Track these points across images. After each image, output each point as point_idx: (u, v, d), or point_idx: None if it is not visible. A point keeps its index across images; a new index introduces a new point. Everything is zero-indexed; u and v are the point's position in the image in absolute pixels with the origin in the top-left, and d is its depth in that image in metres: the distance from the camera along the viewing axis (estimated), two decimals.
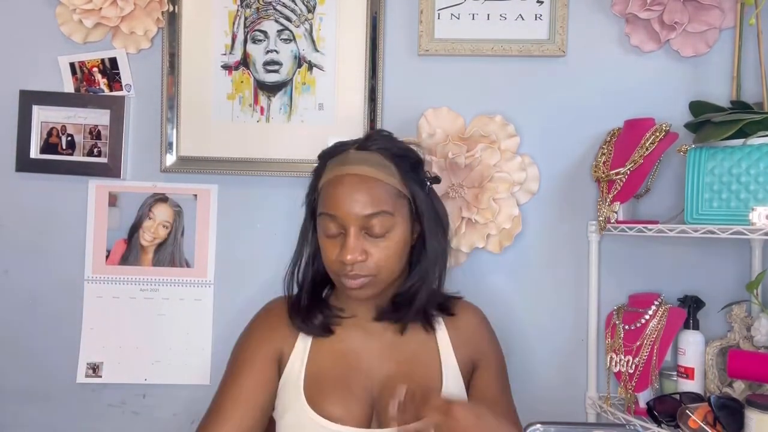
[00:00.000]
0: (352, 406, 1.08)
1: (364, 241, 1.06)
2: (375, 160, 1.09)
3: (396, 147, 1.13)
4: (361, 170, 1.07)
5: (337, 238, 1.08)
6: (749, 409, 1.10)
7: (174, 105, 1.43)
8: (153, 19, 1.42)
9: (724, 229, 1.13)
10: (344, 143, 1.14)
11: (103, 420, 1.46)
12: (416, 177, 1.12)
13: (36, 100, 1.44)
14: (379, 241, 1.06)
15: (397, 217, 1.07)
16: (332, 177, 1.08)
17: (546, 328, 1.43)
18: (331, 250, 1.08)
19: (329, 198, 1.07)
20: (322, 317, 1.13)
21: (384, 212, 1.05)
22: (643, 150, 1.27)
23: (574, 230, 1.42)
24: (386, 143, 1.12)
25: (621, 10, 1.38)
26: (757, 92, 1.30)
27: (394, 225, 1.07)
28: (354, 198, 1.05)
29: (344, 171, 1.07)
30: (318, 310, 1.14)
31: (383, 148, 1.10)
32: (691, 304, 1.31)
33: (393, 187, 1.08)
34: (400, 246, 1.09)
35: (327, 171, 1.11)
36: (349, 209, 1.05)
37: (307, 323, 1.13)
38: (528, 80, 1.42)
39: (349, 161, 1.09)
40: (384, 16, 1.43)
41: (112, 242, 1.45)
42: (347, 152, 1.10)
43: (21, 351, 1.46)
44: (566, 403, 1.42)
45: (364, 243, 1.06)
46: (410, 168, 1.12)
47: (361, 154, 1.09)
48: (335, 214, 1.06)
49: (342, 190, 1.06)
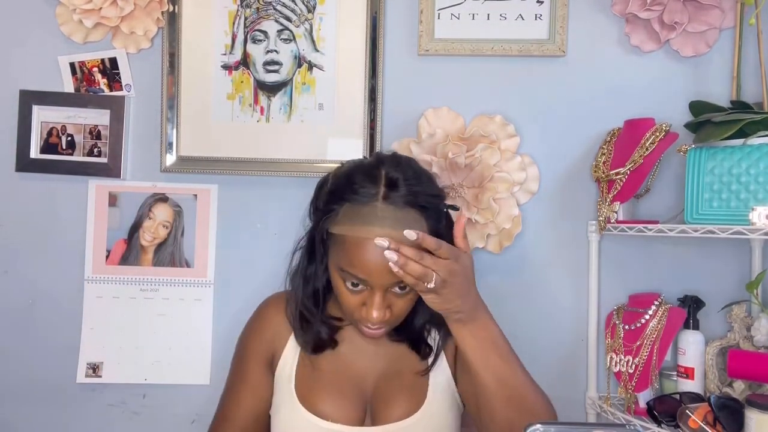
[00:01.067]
0: (345, 404, 1.09)
1: (390, 297, 1.00)
2: (406, 219, 0.96)
3: (424, 195, 1.00)
4: (392, 234, 0.93)
5: (358, 292, 1.01)
6: (749, 409, 1.10)
7: (174, 105, 1.43)
8: (153, 19, 1.42)
9: (724, 229, 1.13)
10: (365, 179, 1.00)
11: (103, 420, 1.46)
12: (440, 217, 1.03)
13: (36, 100, 1.44)
14: (404, 296, 1.01)
15: None
16: (357, 238, 0.96)
17: (546, 328, 1.43)
18: (352, 302, 1.02)
19: (354, 259, 0.97)
20: (327, 330, 1.12)
21: None
22: (643, 150, 1.27)
23: (574, 230, 1.42)
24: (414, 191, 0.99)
25: (621, 10, 1.38)
26: (757, 92, 1.30)
27: None
28: (386, 267, 0.92)
29: (373, 234, 0.94)
30: (321, 325, 1.12)
31: (412, 201, 0.98)
32: (691, 304, 1.31)
33: None
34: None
35: (348, 216, 0.99)
36: (379, 278, 0.96)
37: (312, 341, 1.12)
38: (528, 80, 1.42)
39: (378, 222, 0.96)
40: (384, 16, 1.43)
41: (112, 242, 1.45)
42: (374, 205, 0.97)
43: (21, 351, 1.46)
44: (566, 403, 1.41)
45: (389, 299, 1.00)
46: (435, 212, 1.02)
47: (390, 211, 0.96)
48: (363, 278, 0.98)
49: (371, 257, 0.95)
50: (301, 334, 1.12)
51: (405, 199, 0.98)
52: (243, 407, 1.14)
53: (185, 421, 1.45)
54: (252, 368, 1.15)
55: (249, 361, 1.16)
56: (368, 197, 0.98)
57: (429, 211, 1.00)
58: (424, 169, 1.07)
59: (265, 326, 1.17)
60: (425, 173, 1.06)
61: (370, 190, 0.98)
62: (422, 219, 0.98)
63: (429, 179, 1.06)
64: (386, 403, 1.09)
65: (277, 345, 1.15)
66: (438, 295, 0.93)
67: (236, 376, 1.17)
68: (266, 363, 1.15)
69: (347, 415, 1.08)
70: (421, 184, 1.02)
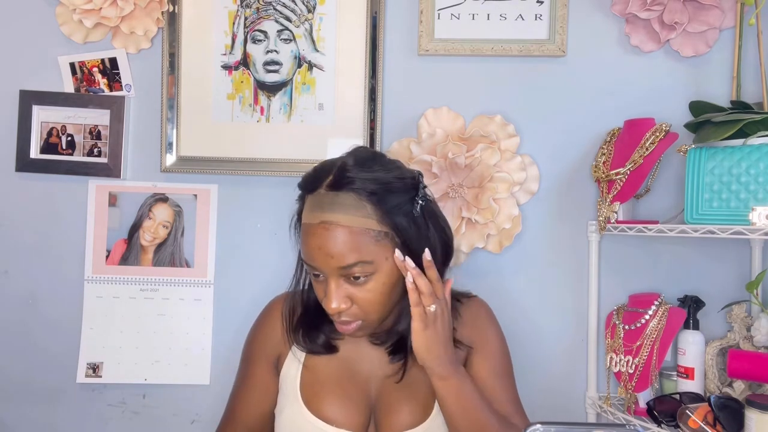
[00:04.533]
0: (349, 408, 1.08)
1: (348, 287, 1.00)
2: (348, 203, 0.97)
3: (374, 180, 0.99)
4: (332, 218, 0.97)
5: (320, 281, 1.02)
6: (749, 409, 1.10)
7: (174, 105, 1.43)
8: (153, 19, 1.42)
9: (724, 229, 1.13)
10: (321, 171, 1.02)
11: (103, 420, 1.46)
12: (402, 205, 1.00)
13: (36, 100, 1.44)
14: (363, 285, 1.00)
15: (378, 261, 0.99)
16: (306, 223, 1.01)
17: (546, 328, 1.43)
18: (319, 291, 1.04)
19: (304, 246, 1.01)
20: (324, 337, 1.12)
21: (361, 262, 0.98)
22: (643, 150, 1.27)
23: (574, 230, 1.42)
24: (363, 176, 0.99)
25: (621, 10, 1.38)
26: (757, 92, 1.30)
27: (377, 268, 0.99)
28: (326, 251, 0.97)
29: (315, 219, 0.99)
30: (319, 329, 1.12)
31: (358, 187, 0.98)
32: (691, 304, 1.31)
33: (370, 230, 0.98)
34: (388, 286, 1.01)
35: (305, 208, 1.03)
36: (323, 263, 0.98)
37: (311, 345, 1.12)
38: (528, 80, 1.42)
39: (320, 206, 0.99)
40: (384, 16, 1.43)
41: (112, 242, 1.45)
42: (319, 192, 1.00)
43: (21, 351, 1.46)
44: (566, 403, 1.42)
45: (347, 289, 1.00)
46: (393, 199, 0.99)
47: (333, 197, 0.98)
48: (312, 265, 1.01)
49: (314, 242, 0.98)
50: (297, 336, 1.12)
51: (350, 183, 0.98)
52: (250, 408, 1.15)
53: (185, 421, 1.45)
54: (258, 370, 1.16)
55: (254, 362, 1.16)
56: (317, 186, 1.01)
57: (379, 196, 0.98)
58: (389, 158, 1.07)
59: (270, 328, 1.16)
60: (386, 160, 1.05)
61: (322, 178, 1.01)
62: (368, 204, 0.98)
63: (388, 165, 1.04)
64: (390, 410, 1.09)
65: (283, 345, 1.15)
66: (426, 329, 0.98)
67: (243, 377, 1.18)
68: (272, 364, 1.15)
69: (351, 420, 1.08)
70: (374, 169, 1.01)
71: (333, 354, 1.12)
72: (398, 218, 0.99)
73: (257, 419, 1.15)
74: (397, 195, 1.00)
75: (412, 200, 1.02)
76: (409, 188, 1.02)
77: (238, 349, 1.21)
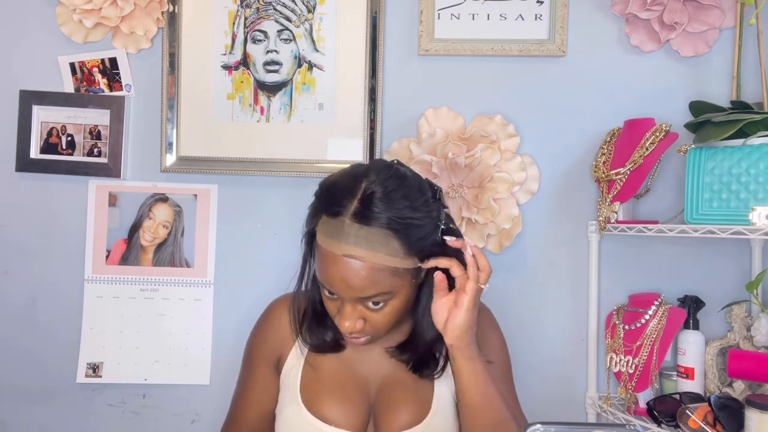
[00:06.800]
0: (349, 409, 1.08)
1: (363, 309, 1.00)
2: (375, 240, 0.94)
3: (401, 216, 0.95)
4: (357, 253, 0.94)
5: (334, 299, 1.02)
6: (749, 409, 1.10)
7: (174, 105, 1.43)
8: (153, 19, 1.42)
9: (724, 229, 1.13)
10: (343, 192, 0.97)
11: (103, 420, 1.46)
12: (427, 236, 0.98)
13: (36, 100, 1.44)
14: (379, 309, 1.00)
15: (396, 289, 0.98)
16: (327, 250, 0.97)
17: (546, 328, 1.43)
18: (330, 307, 1.04)
19: (322, 271, 0.99)
20: (332, 334, 1.11)
21: (382, 293, 0.97)
22: (643, 150, 1.27)
23: (574, 230, 1.42)
24: (391, 212, 0.95)
25: (621, 10, 1.38)
26: (757, 92, 1.30)
27: (395, 296, 0.99)
28: (348, 283, 0.96)
29: (339, 250, 0.95)
30: (326, 328, 1.11)
31: (385, 224, 0.94)
32: (691, 304, 1.31)
33: (394, 267, 0.96)
34: (401, 309, 1.01)
35: (322, 228, 0.98)
36: (343, 291, 0.97)
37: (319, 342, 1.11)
38: (528, 80, 1.42)
39: (345, 237, 0.94)
40: (384, 16, 1.43)
41: (112, 242, 1.45)
42: (342, 221, 0.95)
43: (21, 351, 1.46)
44: (566, 403, 1.42)
45: (362, 311, 1.00)
46: (419, 232, 0.97)
47: (358, 230, 0.94)
48: (330, 289, 1.00)
49: (335, 273, 0.96)
50: (306, 333, 1.12)
51: (377, 219, 0.94)
52: (252, 409, 1.15)
53: (185, 421, 1.45)
54: (259, 371, 1.16)
55: (256, 364, 1.16)
56: (340, 212, 0.95)
57: (406, 232, 0.95)
58: (414, 184, 1.01)
59: (271, 328, 1.16)
60: (413, 189, 0.99)
61: (345, 204, 0.96)
62: (395, 240, 0.95)
63: (415, 195, 0.99)
64: (389, 410, 1.09)
65: (284, 347, 1.15)
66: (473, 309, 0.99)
67: (245, 378, 1.18)
68: (273, 365, 1.15)
69: (350, 420, 1.08)
70: (402, 203, 0.96)
71: (339, 353, 1.12)
72: (425, 248, 0.98)
73: (260, 420, 1.15)
74: (422, 229, 0.97)
75: (436, 227, 1.00)
76: (434, 218, 1.00)
77: (238, 349, 1.20)
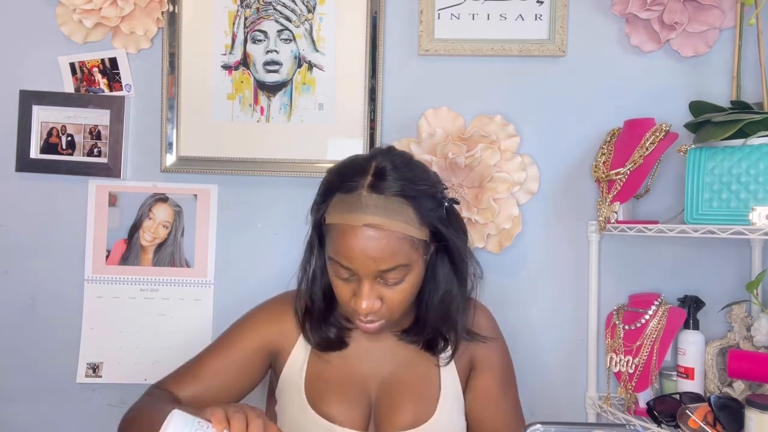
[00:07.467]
0: (351, 408, 1.08)
1: (380, 288, 1.00)
2: (392, 207, 0.97)
3: (412, 184, 1.00)
4: (377, 221, 0.96)
5: (348, 281, 1.02)
6: (749, 409, 1.10)
7: (174, 105, 1.43)
8: (153, 19, 1.42)
9: (724, 229, 1.13)
10: (355, 170, 1.01)
11: (103, 420, 1.46)
12: (435, 209, 1.02)
13: (36, 100, 1.44)
14: (396, 286, 1.01)
15: (413, 263, 1.00)
16: (343, 224, 0.98)
17: (546, 327, 1.43)
18: (343, 292, 1.03)
19: (340, 247, 0.98)
20: (335, 330, 1.11)
21: (401, 265, 0.98)
22: (643, 150, 1.27)
23: (574, 230, 1.42)
24: (402, 180, 0.99)
25: (621, 10, 1.38)
26: (757, 92, 1.30)
27: (411, 270, 1.01)
28: (368, 254, 0.96)
29: (357, 221, 0.96)
30: (330, 324, 1.11)
31: (399, 191, 0.98)
32: (691, 304, 1.31)
33: (411, 236, 0.99)
34: (416, 285, 1.03)
35: (336, 206, 1.00)
36: (362, 265, 0.97)
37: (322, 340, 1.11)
38: (528, 80, 1.42)
39: (362, 208, 0.97)
40: (384, 16, 1.43)
41: (112, 242, 1.45)
42: (360, 194, 0.98)
43: (21, 351, 1.46)
44: (566, 403, 1.42)
45: (379, 290, 1.00)
46: (429, 203, 1.01)
47: (376, 200, 0.97)
48: (348, 266, 0.99)
49: (355, 244, 0.97)
50: (309, 330, 1.11)
51: (392, 187, 0.98)
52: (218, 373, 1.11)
53: None
54: (247, 341, 1.12)
55: (247, 333, 1.13)
56: (356, 186, 0.99)
57: (418, 201, 0.99)
58: (417, 161, 1.07)
59: (274, 318, 1.15)
60: (418, 165, 1.06)
61: (359, 179, 0.99)
62: (410, 208, 0.98)
63: (421, 170, 1.05)
64: (391, 409, 1.08)
65: (284, 342, 1.13)
66: None
67: (224, 342, 1.14)
68: (265, 349, 1.13)
69: (353, 418, 1.07)
70: (411, 173, 1.02)
71: (342, 350, 1.12)
72: (434, 221, 1.01)
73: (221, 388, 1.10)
74: (431, 199, 1.02)
75: (441, 203, 1.04)
76: (438, 192, 1.04)
77: None
